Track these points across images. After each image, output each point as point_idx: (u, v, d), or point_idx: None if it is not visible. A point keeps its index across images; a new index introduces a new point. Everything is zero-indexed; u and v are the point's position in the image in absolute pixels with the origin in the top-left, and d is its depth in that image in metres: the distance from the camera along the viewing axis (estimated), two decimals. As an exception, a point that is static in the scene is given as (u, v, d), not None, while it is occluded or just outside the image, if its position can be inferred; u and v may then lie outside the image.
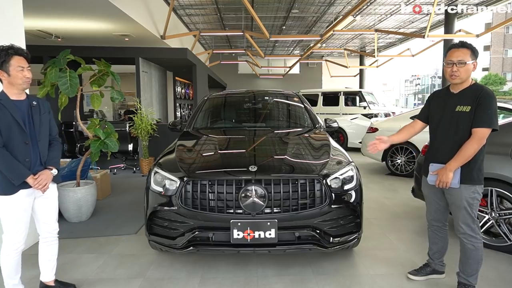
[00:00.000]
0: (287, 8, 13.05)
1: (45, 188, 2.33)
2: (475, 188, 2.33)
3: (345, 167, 2.88)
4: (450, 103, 2.39)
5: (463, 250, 2.43)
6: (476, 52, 2.34)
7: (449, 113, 2.38)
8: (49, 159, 2.41)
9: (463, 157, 2.26)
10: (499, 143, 3.30)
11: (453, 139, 2.34)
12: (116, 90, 4.23)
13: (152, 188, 2.82)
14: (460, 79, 2.32)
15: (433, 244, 2.68)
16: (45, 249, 2.52)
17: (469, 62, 2.30)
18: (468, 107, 2.29)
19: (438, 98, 2.53)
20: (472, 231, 2.35)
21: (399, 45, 20.45)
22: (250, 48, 18.95)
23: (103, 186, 5.16)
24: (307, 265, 3.00)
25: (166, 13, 10.22)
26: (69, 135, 7.29)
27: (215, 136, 3.74)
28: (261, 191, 2.55)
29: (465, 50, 2.31)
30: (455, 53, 2.32)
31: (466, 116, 2.29)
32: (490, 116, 2.24)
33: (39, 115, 2.37)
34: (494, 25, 14.25)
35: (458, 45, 2.35)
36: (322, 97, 12.92)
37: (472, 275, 2.41)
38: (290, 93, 4.90)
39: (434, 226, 2.63)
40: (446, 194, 2.43)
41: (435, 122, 2.47)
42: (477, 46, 2.36)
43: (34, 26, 8.33)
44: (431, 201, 2.59)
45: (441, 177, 2.32)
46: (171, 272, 2.90)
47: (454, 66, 2.31)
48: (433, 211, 2.59)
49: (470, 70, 2.32)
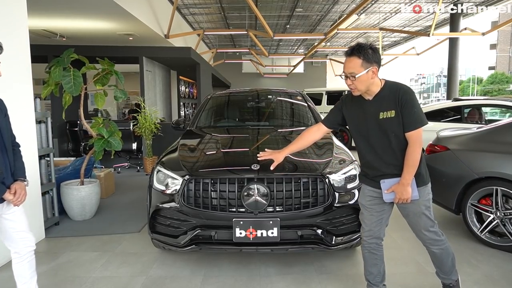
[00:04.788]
0: (291, 7, 13.03)
1: (23, 202, 2.00)
2: (427, 189, 2.15)
3: (348, 165, 2.86)
4: (370, 112, 2.09)
5: (432, 255, 2.29)
6: (371, 56, 1.98)
7: (373, 122, 2.08)
8: (17, 169, 2.06)
9: (413, 167, 2.02)
10: (504, 142, 3.27)
11: (389, 148, 2.08)
12: (120, 89, 4.25)
13: (154, 186, 2.83)
14: (359, 91, 2.06)
15: (372, 267, 2.30)
16: (25, 267, 2.08)
17: (360, 74, 1.98)
18: (391, 111, 2.02)
19: (353, 107, 2.20)
20: (435, 235, 2.19)
21: (404, 44, 20.35)
22: (254, 47, 18.94)
23: (107, 184, 5.19)
24: (309, 264, 2.99)
25: (170, 12, 10.24)
26: (73, 134, 7.34)
27: (218, 134, 3.74)
28: (264, 189, 2.55)
29: (355, 60, 1.98)
30: (346, 64, 2.03)
31: (393, 121, 2.03)
32: (419, 114, 2.01)
33: (3, 117, 2.03)
34: (500, 23, 14.10)
35: (347, 52, 2.02)
36: (327, 96, 12.88)
37: (451, 272, 2.31)
38: (293, 92, 4.89)
39: (371, 245, 2.26)
40: (400, 206, 2.18)
41: (362, 135, 2.16)
42: (482, 44, 2.14)
43: (39, 26, 8.39)
44: (372, 213, 2.23)
45: (401, 195, 2.05)
46: (174, 271, 2.91)
47: (348, 79, 2.03)
48: (373, 225, 2.23)
49: (367, 79, 2.00)
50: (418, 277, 2.80)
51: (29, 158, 3.45)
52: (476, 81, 49.19)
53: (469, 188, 3.36)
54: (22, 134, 3.37)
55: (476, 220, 3.38)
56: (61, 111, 4.48)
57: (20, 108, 3.36)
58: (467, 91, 47.34)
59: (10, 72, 3.21)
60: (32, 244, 2.09)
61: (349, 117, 2.23)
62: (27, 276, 2.08)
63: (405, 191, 2.05)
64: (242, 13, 13.70)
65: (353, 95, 2.17)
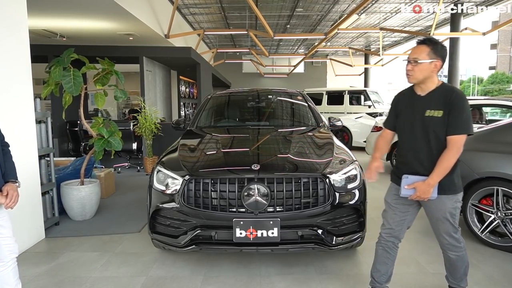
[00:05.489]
0: (292, 7, 13.01)
1: (16, 204, 1.92)
2: (457, 197, 2.12)
3: (349, 165, 2.86)
4: (418, 107, 2.11)
5: (447, 260, 2.27)
6: (439, 50, 2.04)
7: (418, 118, 2.10)
8: (8, 170, 1.97)
9: (444, 170, 2.02)
10: (505, 142, 3.26)
11: (427, 147, 2.09)
12: (120, 89, 4.24)
13: (154, 186, 2.82)
14: (414, 78, 2.08)
15: (381, 265, 2.31)
16: (10, 275, 1.98)
17: (423, 61, 2.02)
18: (439, 111, 2.03)
19: (404, 101, 2.24)
20: (456, 241, 2.18)
21: (404, 44, 20.30)
22: (254, 47, 18.93)
23: (107, 184, 5.19)
24: (310, 264, 2.98)
25: (170, 12, 10.23)
26: (73, 134, 7.34)
27: (218, 134, 3.73)
28: (264, 189, 2.54)
29: (423, 47, 2.05)
30: (413, 50, 2.09)
31: (438, 121, 2.03)
32: (466, 121, 2.00)
33: None
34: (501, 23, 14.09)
35: (418, 41, 2.10)
36: (327, 96, 12.89)
37: (462, 279, 2.31)
38: (293, 92, 4.88)
39: (388, 243, 2.28)
40: (425, 207, 2.20)
41: (404, 129, 2.20)
42: (483, 44, 2.15)
43: (39, 26, 8.39)
44: (395, 212, 2.25)
45: (422, 194, 2.05)
46: (174, 271, 2.90)
47: (410, 64, 2.08)
48: (394, 224, 2.25)
49: (428, 69, 2.04)
50: (419, 277, 2.79)
51: (29, 158, 3.45)
52: (476, 81, 49.14)
53: (469, 188, 3.35)
54: (22, 134, 3.37)
55: (477, 220, 3.37)
56: (61, 111, 4.47)
57: (20, 108, 3.35)
58: (467, 91, 47.27)
59: (10, 72, 3.21)
60: (15, 251, 1.99)
61: (399, 112, 2.26)
62: (12, 284, 1.99)
63: (428, 191, 2.04)
64: (242, 13, 13.70)
65: (404, 94, 2.24)
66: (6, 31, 3.16)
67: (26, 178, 3.30)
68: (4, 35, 3.13)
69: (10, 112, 3.22)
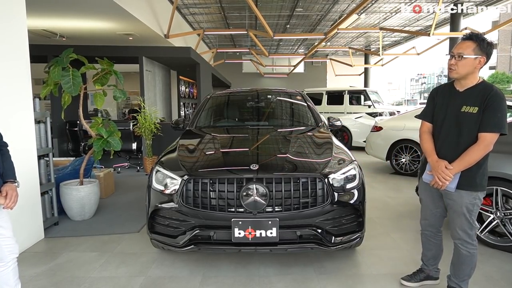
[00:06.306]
0: (291, 7, 13.02)
1: (15, 205, 1.90)
2: (476, 195, 2.16)
3: (348, 165, 2.85)
4: (454, 102, 2.18)
5: (457, 255, 2.30)
6: (485, 47, 2.07)
7: (453, 113, 2.17)
8: (7, 170, 1.96)
9: (467, 162, 2.07)
10: (504, 142, 3.25)
11: (456, 141, 2.14)
12: (119, 89, 4.24)
13: (153, 186, 2.82)
14: (457, 73, 2.12)
15: (427, 250, 2.54)
16: (9, 275, 1.98)
17: (469, 56, 2.07)
18: (475, 108, 2.07)
19: (442, 95, 2.29)
20: (469, 238, 2.22)
21: (404, 44, 20.31)
22: (254, 47, 18.94)
23: (107, 184, 5.19)
24: (309, 264, 2.98)
25: (169, 12, 10.24)
26: (73, 134, 7.34)
27: (218, 134, 3.73)
28: (263, 189, 2.54)
29: (469, 43, 2.08)
30: (458, 45, 2.13)
31: (472, 117, 2.08)
32: (500, 120, 2.03)
33: None
34: (501, 23, 14.07)
35: (464, 36, 2.13)
36: (327, 96, 12.88)
37: (464, 280, 2.32)
38: (293, 92, 4.88)
39: (428, 232, 2.49)
40: (445, 199, 2.27)
41: (438, 122, 2.27)
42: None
43: (39, 26, 8.40)
44: (427, 205, 2.42)
45: (439, 178, 2.12)
46: (173, 271, 2.90)
47: (453, 58, 2.11)
48: (428, 216, 2.44)
49: (471, 65, 2.08)
50: (418, 277, 2.78)
51: (28, 158, 3.45)
52: (476, 81, 49.04)
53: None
54: (21, 134, 3.37)
55: (476, 220, 3.36)
56: (61, 111, 4.47)
57: (20, 108, 3.35)
58: (467, 91, 47.21)
59: (10, 72, 3.21)
60: (16, 251, 1.98)
61: (436, 105, 2.31)
62: (12, 284, 1.99)
63: (444, 176, 2.11)
64: (242, 13, 13.70)
65: (443, 88, 2.30)
66: (6, 31, 3.16)
67: (25, 178, 3.30)
68: (3, 35, 3.12)
69: (9, 112, 3.22)
